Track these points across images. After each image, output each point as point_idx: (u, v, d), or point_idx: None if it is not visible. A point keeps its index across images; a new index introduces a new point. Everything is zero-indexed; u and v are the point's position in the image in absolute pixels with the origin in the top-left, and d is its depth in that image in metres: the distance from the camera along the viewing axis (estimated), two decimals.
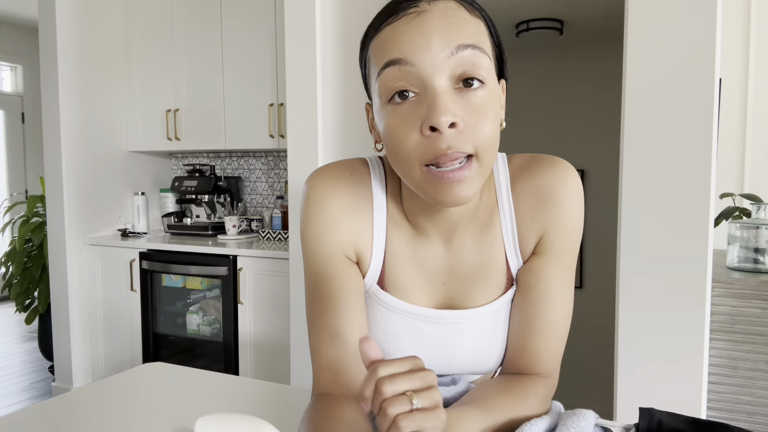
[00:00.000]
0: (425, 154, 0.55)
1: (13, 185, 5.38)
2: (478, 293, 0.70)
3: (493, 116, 0.57)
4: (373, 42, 0.60)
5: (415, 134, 0.56)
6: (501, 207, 0.69)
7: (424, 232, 0.68)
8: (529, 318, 0.69)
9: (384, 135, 0.59)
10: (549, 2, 2.61)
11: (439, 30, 0.55)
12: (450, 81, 0.56)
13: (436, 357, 0.72)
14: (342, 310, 0.67)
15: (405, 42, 0.56)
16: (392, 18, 0.58)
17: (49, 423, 0.79)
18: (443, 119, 0.53)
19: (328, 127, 2.15)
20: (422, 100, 0.56)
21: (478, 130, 0.55)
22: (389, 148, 0.59)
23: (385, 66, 0.57)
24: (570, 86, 3.43)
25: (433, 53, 0.55)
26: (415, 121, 0.56)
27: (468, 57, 0.56)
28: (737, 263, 1.65)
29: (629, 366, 1.56)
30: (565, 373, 1.64)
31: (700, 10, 1.45)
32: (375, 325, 0.72)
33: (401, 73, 0.56)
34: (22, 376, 3.34)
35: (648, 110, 1.52)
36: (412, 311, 0.70)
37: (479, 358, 0.72)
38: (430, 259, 0.70)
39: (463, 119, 0.55)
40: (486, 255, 0.69)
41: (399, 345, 0.71)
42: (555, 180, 0.67)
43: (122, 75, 3.07)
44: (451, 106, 0.54)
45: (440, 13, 0.56)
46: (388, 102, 0.58)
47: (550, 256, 0.68)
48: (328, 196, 0.67)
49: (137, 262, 2.76)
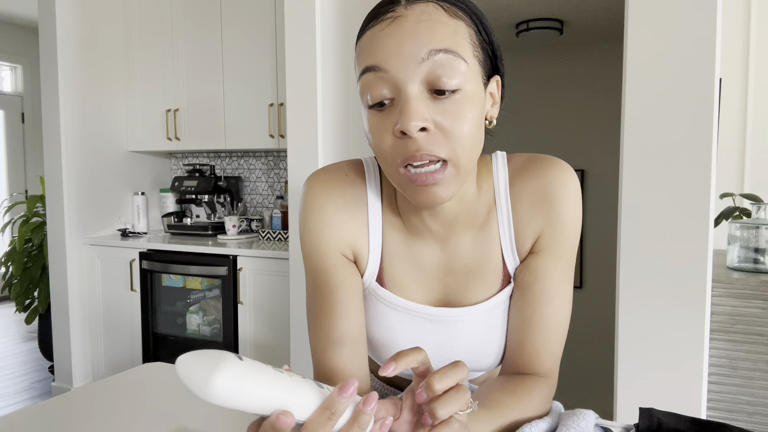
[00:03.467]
0: (399, 155, 0.58)
1: (13, 185, 5.38)
2: (474, 290, 0.71)
3: (471, 119, 0.58)
4: (357, 45, 0.62)
5: (390, 137, 0.58)
6: (499, 205, 0.69)
7: (418, 231, 0.70)
8: (527, 316, 0.69)
9: (367, 136, 0.62)
10: (549, 2, 2.61)
11: (412, 36, 0.56)
12: (423, 86, 0.57)
13: (435, 353, 0.73)
14: (339, 307, 0.68)
15: (380, 48, 0.57)
16: (373, 22, 0.59)
17: (49, 423, 0.79)
18: (412, 124, 0.55)
19: (328, 127, 2.15)
20: (396, 105, 0.57)
21: (452, 133, 0.57)
22: (372, 148, 0.62)
23: (363, 72, 0.59)
24: (570, 86, 3.43)
25: (405, 59, 0.56)
26: (389, 125, 0.58)
27: (441, 61, 0.56)
28: (737, 263, 1.65)
29: (629, 366, 1.57)
30: (565, 373, 1.65)
31: (700, 10, 1.45)
32: (375, 320, 0.73)
33: (377, 78, 0.58)
34: (22, 376, 3.34)
35: (648, 110, 1.52)
36: (411, 308, 0.71)
37: (477, 355, 0.73)
38: (426, 257, 0.71)
39: (436, 123, 0.56)
40: (482, 252, 0.70)
41: (399, 340, 0.72)
42: (553, 181, 0.67)
43: (122, 75, 3.07)
44: (422, 111, 0.56)
45: (416, 17, 0.57)
46: (369, 107, 0.60)
47: (548, 255, 0.69)
48: (324, 198, 0.69)
49: (137, 262, 2.76)
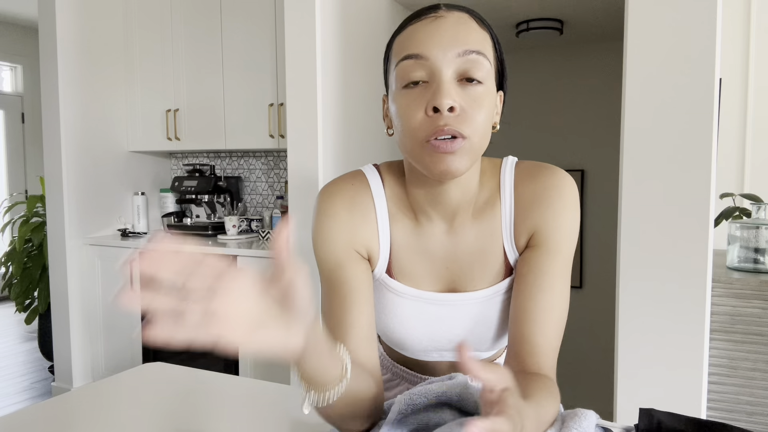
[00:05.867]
0: (427, 130, 0.66)
1: (13, 185, 5.38)
2: (478, 277, 0.79)
3: (487, 109, 0.68)
4: (396, 39, 0.72)
5: (421, 113, 0.67)
6: (503, 202, 0.78)
7: (428, 216, 0.77)
8: (523, 306, 0.74)
9: (395, 115, 0.70)
10: (549, 2, 2.60)
11: (452, 33, 0.67)
12: (455, 74, 0.67)
13: (443, 336, 0.80)
14: (352, 296, 0.74)
15: (422, 39, 0.68)
16: (415, 20, 0.70)
17: (49, 423, 0.79)
18: (445, 102, 0.64)
19: (328, 127, 2.15)
20: (430, 87, 0.67)
21: (473, 117, 0.67)
22: (398, 126, 0.70)
23: (404, 58, 0.69)
24: (570, 86, 3.43)
25: (444, 50, 0.66)
26: (422, 103, 0.67)
27: (473, 60, 0.67)
28: (737, 263, 1.65)
29: (629, 366, 1.57)
30: (565, 373, 1.65)
31: (700, 10, 1.45)
32: (386, 309, 0.80)
33: (416, 65, 0.68)
34: (22, 376, 3.34)
35: (648, 110, 1.52)
36: (419, 295, 0.79)
37: (482, 337, 0.81)
38: (433, 245, 0.78)
39: (462, 106, 0.66)
40: (485, 242, 0.78)
41: (409, 326, 0.80)
42: (550, 186, 0.76)
43: (122, 75, 3.07)
44: (453, 94, 0.66)
45: (455, 20, 0.68)
46: (403, 87, 0.69)
47: (542, 250, 0.75)
48: (337, 204, 0.78)
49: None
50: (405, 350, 0.83)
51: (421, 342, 0.81)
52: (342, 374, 0.58)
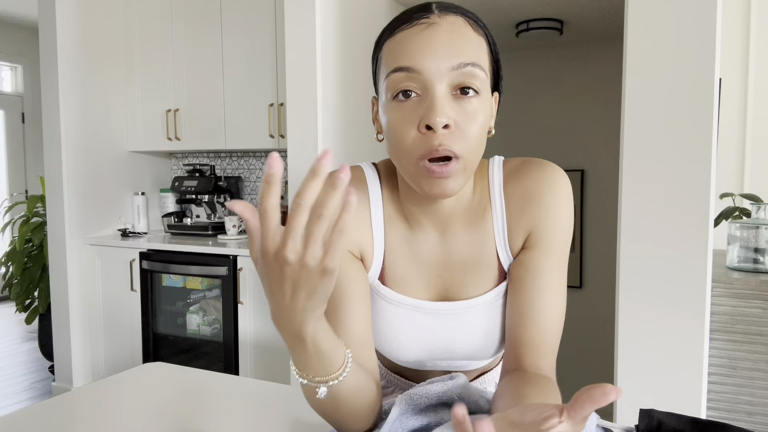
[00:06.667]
0: (420, 149, 0.64)
1: (13, 185, 5.38)
2: (471, 285, 0.76)
3: (481, 123, 0.65)
4: (386, 44, 0.68)
5: (413, 130, 0.64)
6: (493, 206, 0.75)
7: (420, 225, 0.75)
8: (521, 309, 0.72)
9: (386, 128, 0.67)
10: (549, 2, 2.60)
11: (446, 44, 0.64)
12: (449, 88, 0.64)
13: (437, 345, 0.78)
14: (348, 300, 0.72)
15: (414, 51, 0.64)
16: (406, 25, 0.66)
17: (49, 423, 0.79)
18: (438, 120, 0.62)
19: (328, 127, 2.15)
20: (423, 102, 0.64)
21: (467, 132, 0.64)
22: (390, 140, 0.67)
23: (395, 70, 0.65)
24: (570, 86, 3.43)
25: (437, 62, 0.63)
26: (415, 119, 0.64)
27: (467, 72, 0.64)
28: (737, 263, 1.65)
29: (629, 366, 1.57)
30: (565, 373, 1.65)
31: (700, 10, 1.45)
32: (378, 317, 0.77)
33: (407, 77, 0.64)
34: (22, 376, 3.34)
35: (648, 110, 1.52)
36: (411, 304, 0.76)
37: (477, 346, 0.77)
38: (426, 252, 0.76)
39: (456, 122, 0.63)
40: (478, 248, 0.76)
41: (401, 335, 0.77)
42: (541, 182, 0.73)
43: (122, 75, 3.07)
44: (447, 110, 0.63)
45: (448, 27, 0.65)
46: (393, 98, 0.66)
47: (538, 251, 0.73)
48: None
49: (137, 262, 2.76)
50: (397, 359, 0.81)
51: (413, 351, 0.78)
52: (345, 358, 0.58)
